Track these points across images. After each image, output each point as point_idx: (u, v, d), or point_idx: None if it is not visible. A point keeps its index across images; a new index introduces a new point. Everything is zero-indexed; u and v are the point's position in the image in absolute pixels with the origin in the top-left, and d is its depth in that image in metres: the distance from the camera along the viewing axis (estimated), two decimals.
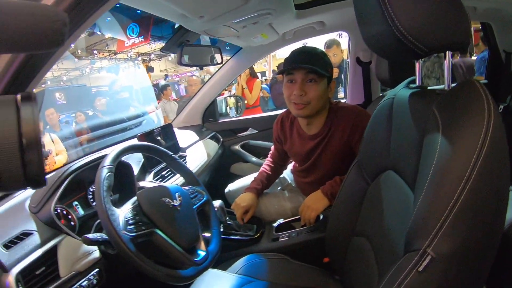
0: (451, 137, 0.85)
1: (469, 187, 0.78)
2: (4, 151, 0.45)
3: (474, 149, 0.79)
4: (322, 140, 1.95)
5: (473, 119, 0.82)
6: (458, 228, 0.80)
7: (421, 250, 0.82)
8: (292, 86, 1.82)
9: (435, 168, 0.85)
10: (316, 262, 1.75)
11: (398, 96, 1.25)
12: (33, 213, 1.43)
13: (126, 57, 15.90)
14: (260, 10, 1.83)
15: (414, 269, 0.82)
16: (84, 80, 13.89)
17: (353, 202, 1.49)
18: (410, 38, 0.90)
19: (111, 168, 1.38)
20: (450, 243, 0.80)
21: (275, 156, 2.36)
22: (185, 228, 1.41)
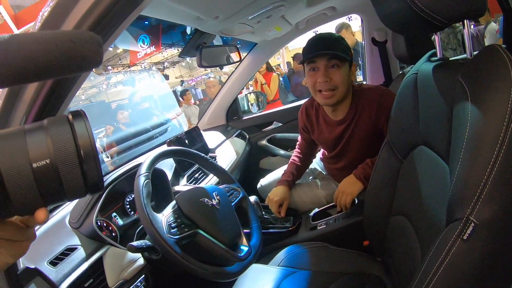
0: (480, 104, 0.85)
1: (504, 151, 0.78)
2: (66, 165, 0.49)
3: (505, 112, 0.79)
4: (349, 124, 1.94)
5: (500, 83, 0.82)
6: (498, 193, 0.80)
7: (464, 219, 0.82)
8: (315, 74, 1.81)
9: (468, 136, 0.85)
10: (356, 246, 1.76)
11: (421, 70, 1.24)
12: (75, 228, 1.46)
13: (140, 68, 16.03)
14: (273, 3, 1.84)
15: (459, 238, 0.83)
16: (102, 97, 14.00)
17: (387, 182, 1.49)
18: (427, 11, 0.90)
19: (148, 175, 1.41)
20: (491, 209, 0.80)
21: (303, 146, 2.36)
22: (226, 226, 1.42)
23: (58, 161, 0.49)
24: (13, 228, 0.55)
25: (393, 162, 1.46)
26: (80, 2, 0.80)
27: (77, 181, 0.50)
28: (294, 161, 2.33)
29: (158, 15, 1.60)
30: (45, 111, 0.88)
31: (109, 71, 15.27)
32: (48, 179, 0.48)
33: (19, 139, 0.49)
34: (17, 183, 0.47)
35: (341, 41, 1.83)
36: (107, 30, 0.86)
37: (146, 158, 1.49)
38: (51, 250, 1.32)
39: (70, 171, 0.49)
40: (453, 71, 1.01)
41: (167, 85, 13.32)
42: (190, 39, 2.16)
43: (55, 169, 0.49)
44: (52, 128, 0.50)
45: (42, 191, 0.49)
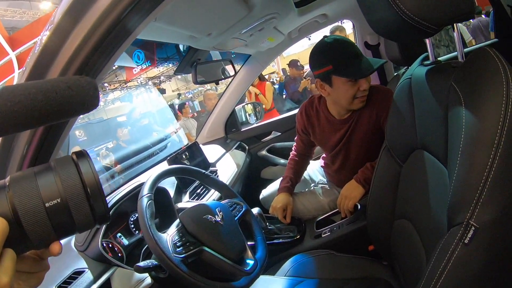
0: (474, 107, 0.86)
1: (501, 153, 0.79)
2: (74, 201, 0.53)
3: (499, 114, 0.80)
4: (352, 122, 1.96)
5: (492, 85, 0.84)
6: (496, 195, 0.80)
7: (464, 223, 0.83)
8: (357, 83, 1.81)
9: (464, 140, 0.86)
10: (362, 251, 1.76)
11: (415, 75, 1.26)
12: (81, 251, 1.46)
13: (137, 83, 16.04)
14: (264, 16, 1.84)
15: (460, 242, 0.83)
16: (100, 114, 13.99)
17: (388, 186, 1.50)
18: (416, 18, 0.90)
19: (151, 196, 1.42)
20: (491, 212, 0.81)
21: (300, 148, 2.37)
22: (231, 241, 1.43)
23: (68, 199, 0.52)
24: (30, 261, 0.59)
25: (393, 166, 1.47)
26: (72, 36, 0.82)
27: (86, 215, 0.54)
28: (291, 165, 2.35)
29: (149, 37, 1.61)
30: (40, 155, 0.90)
31: (105, 88, 15.27)
32: (60, 216, 0.52)
33: (31, 181, 0.52)
34: (33, 222, 0.51)
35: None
36: (98, 65, 0.88)
37: (148, 178, 1.50)
38: (59, 275, 1.31)
39: (79, 207, 0.53)
40: (446, 76, 1.02)
41: (163, 100, 13.34)
42: (184, 56, 2.17)
43: (66, 207, 0.53)
44: (59, 169, 0.54)
45: (55, 226, 0.52)
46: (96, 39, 0.82)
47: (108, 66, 0.91)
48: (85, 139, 10.43)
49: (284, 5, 1.99)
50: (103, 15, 0.81)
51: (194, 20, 1.55)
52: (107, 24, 0.82)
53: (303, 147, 2.35)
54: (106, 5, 0.81)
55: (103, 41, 0.83)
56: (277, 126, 3.33)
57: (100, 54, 0.85)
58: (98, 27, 0.82)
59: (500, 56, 0.88)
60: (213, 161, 2.65)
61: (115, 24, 0.83)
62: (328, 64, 1.79)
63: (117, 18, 0.82)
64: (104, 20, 0.81)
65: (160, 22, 1.33)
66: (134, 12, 0.84)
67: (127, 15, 0.83)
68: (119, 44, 0.89)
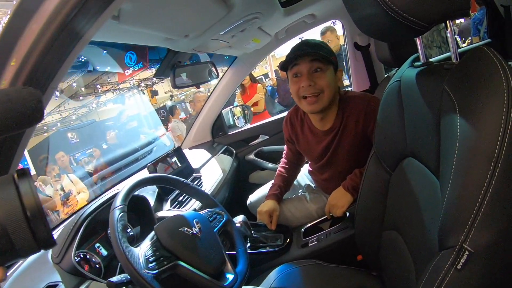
0: (470, 116, 0.79)
1: (501, 169, 0.72)
2: (13, 225, 0.52)
3: (499, 125, 0.73)
4: (336, 133, 1.91)
5: (491, 91, 0.77)
6: (494, 216, 0.74)
7: (457, 247, 0.77)
8: (299, 79, 1.78)
9: (458, 153, 0.80)
10: (350, 261, 1.72)
11: (404, 77, 1.20)
12: (56, 264, 1.40)
13: (129, 85, 16.05)
14: (245, 16, 1.78)
15: (453, 267, 0.77)
16: (92, 116, 14.09)
17: (377, 195, 1.45)
18: (405, 15, 0.84)
19: (123, 208, 1.35)
20: (488, 235, 0.74)
21: (289, 156, 2.32)
22: (209, 254, 1.37)
23: (6, 222, 0.52)
24: None
25: (382, 174, 1.42)
26: (20, 42, 0.76)
27: (27, 239, 0.53)
28: (281, 173, 2.30)
29: (123, 40, 1.55)
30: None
31: (98, 90, 15.27)
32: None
33: None
34: None
35: (323, 45, 1.81)
36: (49, 72, 0.81)
37: (121, 189, 1.44)
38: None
39: (19, 232, 0.52)
40: (438, 78, 0.96)
41: (149, 104, 13.42)
42: (163, 59, 2.11)
43: (4, 230, 0.52)
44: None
45: None
46: (45, 44, 0.75)
47: (62, 72, 0.84)
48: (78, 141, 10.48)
49: (268, 5, 1.93)
50: (50, 19, 0.74)
51: (167, 21, 1.48)
52: (54, 28, 0.75)
53: (292, 155, 2.31)
54: (53, 8, 0.74)
55: (51, 46, 0.76)
56: (265, 130, 3.30)
57: (50, 60, 0.79)
58: (45, 31, 0.75)
59: (499, 56, 0.81)
60: (198, 167, 2.60)
61: (62, 28, 0.76)
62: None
63: (64, 21, 0.75)
64: (51, 24, 0.75)
65: (127, 24, 1.25)
66: (82, 14, 0.77)
67: (74, 18, 0.76)
68: (70, 49, 0.83)
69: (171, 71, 2.14)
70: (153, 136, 9.49)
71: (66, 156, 7.60)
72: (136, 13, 1.20)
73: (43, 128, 11.14)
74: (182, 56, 2.13)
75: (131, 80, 15.92)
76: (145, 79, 16.97)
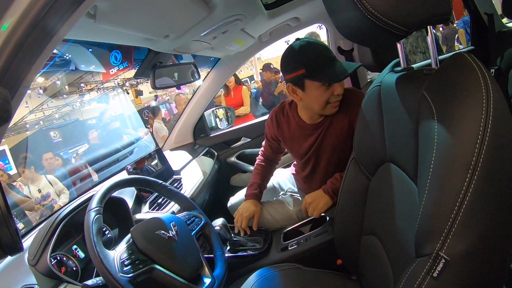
0: (448, 123, 0.79)
1: (478, 177, 0.72)
2: None
3: (477, 132, 0.73)
4: (324, 127, 1.92)
5: (469, 98, 0.77)
6: (471, 225, 0.74)
7: (433, 254, 0.77)
8: (330, 88, 1.74)
9: (436, 160, 0.80)
10: (330, 265, 1.72)
11: (385, 82, 1.20)
12: (32, 266, 1.37)
13: (114, 84, 15.94)
14: (226, 18, 1.77)
15: (429, 275, 0.77)
16: (76, 115, 13.97)
17: (356, 200, 1.45)
18: (385, 19, 0.84)
19: (99, 210, 1.34)
20: (464, 243, 0.74)
21: (268, 152, 2.33)
22: (185, 258, 1.36)
23: None
24: None
25: (361, 179, 1.42)
26: None
27: None
28: (258, 171, 2.30)
29: (101, 39, 1.54)
30: None
31: (82, 89, 15.14)
32: None
33: None
34: None
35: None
36: (20, 71, 0.78)
37: (98, 191, 1.43)
38: None
39: None
40: (417, 84, 0.96)
41: (132, 105, 13.38)
42: (144, 59, 2.09)
43: None
44: None
45: None
46: (15, 43, 0.73)
47: (35, 71, 0.81)
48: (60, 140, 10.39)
49: (251, 7, 1.93)
50: (21, 17, 0.72)
51: (145, 21, 1.46)
52: (26, 26, 0.73)
53: (271, 152, 2.31)
54: (24, 6, 0.72)
55: (22, 45, 0.74)
56: (247, 132, 3.29)
57: (22, 59, 0.76)
58: (16, 29, 0.72)
59: (479, 62, 0.81)
60: (178, 169, 2.59)
61: (34, 25, 0.74)
62: (301, 68, 1.72)
63: (36, 18, 0.73)
64: (22, 21, 0.72)
65: (104, 24, 1.23)
66: (54, 11, 0.75)
67: (45, 15, 0.74)
68: (42, 47, 0.80)
69: (151, 72, 2.12)
70: (135, 136, 9.43)
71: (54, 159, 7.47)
72: (113, 12, 1.19)
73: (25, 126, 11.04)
74: (163, 56, 2.11)
75: (115, 80, 15.83)
76: (129, 78, 16.90)
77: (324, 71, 1.69)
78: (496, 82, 0.78)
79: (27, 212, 5.68)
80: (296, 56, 1.74)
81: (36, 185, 6.03)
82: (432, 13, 0.87)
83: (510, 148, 0.75)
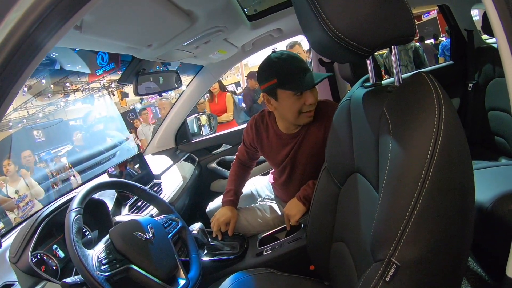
0: (401, 138, 0.83)
1: (427, 189, 0.77)
2: None
3: (427, 148, 0.77)
4: (300, 137, 1.96)
5: (423, 116, 0.81)
6: (420, 233, 0.78)
7: (386, 260, 0.81)
8: (302, 97, 1.79)
9: (388, 173, 0.84)
10: (303, 271, 1.75)
11: (354, 96, 1.24)
12: (13, 263, 1.40)
13: (100, 85, 15.78)
14: (209, 29, 1.81)
15: (382, 279, 0.81)
16: (60, 115, 13.75)
17: (327, 208, 1.49)
18: (348, 40, 0.87)
19: (79, 211, 1.37)
20: (414, 250, 0.79)
21: (244, 157, 2.36)
22: (161, 259, 1.40)
23: None
24: None
25: (332, 188, 1.46)
26: None
27: None
28: (233, 177, 2.33)
29: (86, 47, 1.57)
30: None
31: (67, 88, 14.96)
32: None
33: None
34: None
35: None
36: (5, 86, 0.83)
37: (79, 192, 1.46)
38: None
39: None
40: (380, 100, 1.01)
41: (114, 108, 13.24)
42: (128, 65, 2.11)
43: None
44: None
45: None
46: (6, 55, 0.77)
47: (23, 79, 0.85)
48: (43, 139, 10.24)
49: (233, 18, 1.96)
50: (12, 31, 0.77)
51: (129, 32, 1.50)
52: (16, 40, 0.77)
53: (246, 157, 2.34)
54: (15, 21, 0.76)
55: (12, 57, 0.78)
56: (228, 139, 3.31)
57: (12, 69, 0.80)
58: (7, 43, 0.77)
59: (435, 82, 0.85)
60: (159, 173, 2.61)
61: (24, 39, 0.78)
62: (273, 78, 1.78)
63: (26, 33, 0.77)
64: (12, 35, 0.77)
65: (89, 34, 1.27)
66: (43, 26, 0.79)
67: (35, 31, 0.78)
68: (31, 58, 0.84)
69: (134, 78, 2.15)
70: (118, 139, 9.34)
71: (33, 157, 7.39)
72: (98, 23, 1.22)
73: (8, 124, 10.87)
74: (147, 63, 2.14)
75: (101, 81, 15.68)
76: (115, 80, 16.74)
77: (294, 81, 1.74)
78: (450, 101, 0.82)
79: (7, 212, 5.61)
80: (269, 67, 1.80)
81: (14, 186, 5.95)
82: (395, 34, 0.90)
83: (458, 164, 0.79)
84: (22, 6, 0.76)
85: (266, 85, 1.83)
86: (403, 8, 0.89)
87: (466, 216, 0.82)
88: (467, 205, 0.82)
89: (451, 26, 3.30)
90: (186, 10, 1.49)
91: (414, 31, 0.92)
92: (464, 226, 0.81)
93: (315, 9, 0.89)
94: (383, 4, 0.88)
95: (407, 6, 0.89)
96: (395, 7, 0.88)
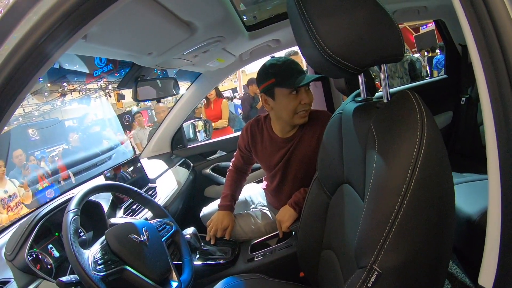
0: (385, 153, 0.87)
1: (408, 202, 0.80)
2: None
3: (409, 163, 0.81)
4: (294, 142, 2.01)
5: (406, 133, 0.85)
6: (400, 242, 0.82)
7: (368, 267, 0.84)
8: (298, 96, 1.86)
9: (372, 185, 0.88)
10: (293, 277, 1.78)
11: (345, 110, 1.28)
12: (9, 261, 1.42)
13: (97, 86, 15.70)
14: (208, 39, 1.85)
15: (364, 285, 0.85)
16: (56, 114, 13.64)
17: (317, 216, 1.53)
18: (339, 59, 0.90)
19: (77, 212, 1.40)
20: (394, 258, 0.82)
21: (239, 163, 2.40)
22: (154, 262, 1.43)
23: None
24: None
25: (322, 198, 1.50)
26: None
27: None
28: (230, 182, 2.36)
29: (88, 54, 1.60)
30: None
31: (64, 88, 14.88)
32: None
33: None
34: None
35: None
36: (15, 89, 0.87)
37: (77, 193, 1.49)
38: None
39: None
40: (368, 115, 1.05)
41: (111, 110, 13.16)
42: (127, 71, 2.14)
43: None
44: None
45: None
46: (14, 65, 0.81)
47: (30, 86, 0.89)
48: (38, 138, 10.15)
49: (232, 29, 2.00)
50: (19, 43, 0.81)
51: (131, 41, 1.54)
52: (24, 52, 0.81)
53: (242, 163, 2.38)
54: (23, 34, 0.80)
55: (20, 67, 0.82)
56: (223, 146, 3.33)
57: (19, 78, 0.84)
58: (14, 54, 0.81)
59: (420, 101, 0.88)
60: (154, 177, 2.63)
61: (31, 51, 0.82)
62: (271, 78, 1.85)
63: (34, 45, 0.81)
64: (20, 47, 0.81)
65: (93, 43, 1.31)
66: (51, 39, 0.83)
67: (43, 43, 0.82)
68: (38, 68, 0.87)
69: (133, 84, 2.18)
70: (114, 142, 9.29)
71: (24, 155, 7.33)
72: (103, 33, 1.26)
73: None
74: (146, 70, 2.17)
75: (98, 81, 15.60)
76: (113, 81, 16.68)
77: (291, 79, 1.81)
78: (433, 119, 0.86)
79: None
80: (268, 69, 1.88)
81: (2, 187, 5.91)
82: (385, 54, 0.93)
83: (437, 179, 0.83)
84: (33, 18, 0.80)
85: (264, 85, 1.90)
86: (393, 27, 0.92)
87: (445, 228, 0.86)
88: (446, 218, 0.86)
89: (446, 41, 3.35)
90: (186, 21, 1.53)
91: (403, 50, 0.95)
92: (443, 237, 0.85)
93: (308, 27, 0.92)
94: (374, 24, 0.91)
95: (396, 26, 0.92)
96: (385, 27, 0.91)
